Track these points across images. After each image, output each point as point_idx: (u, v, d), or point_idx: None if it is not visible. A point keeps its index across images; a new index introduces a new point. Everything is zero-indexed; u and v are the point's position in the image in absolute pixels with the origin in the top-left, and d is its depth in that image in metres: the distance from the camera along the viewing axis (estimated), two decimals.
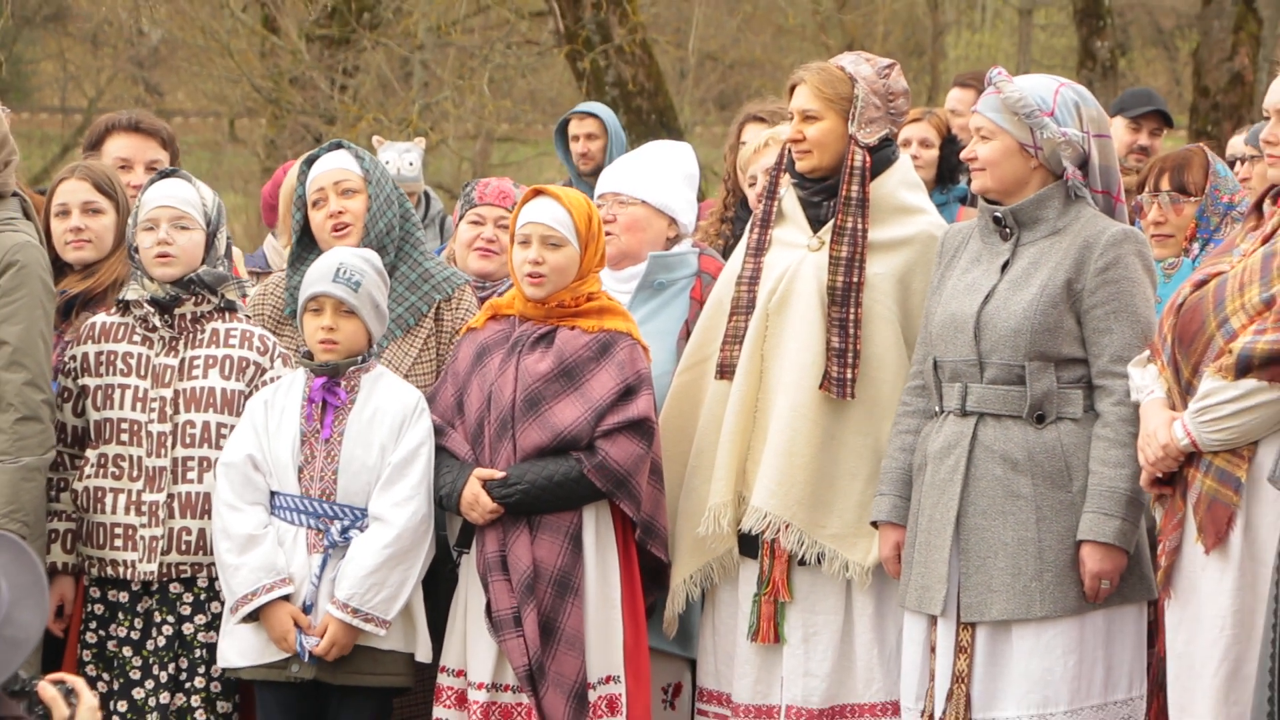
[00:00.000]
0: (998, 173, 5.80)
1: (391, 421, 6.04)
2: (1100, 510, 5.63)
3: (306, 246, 6.42)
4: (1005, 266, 5.81)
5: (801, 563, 6.05)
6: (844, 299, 6.03)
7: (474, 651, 6.06)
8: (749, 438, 6.12)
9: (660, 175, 6.67)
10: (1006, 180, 5.81)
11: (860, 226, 6.05)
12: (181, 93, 22.14)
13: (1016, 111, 5.75)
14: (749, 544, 6.12)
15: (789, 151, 6.23)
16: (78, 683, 3.95)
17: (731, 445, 6.11)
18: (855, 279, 6.03)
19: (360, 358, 6.07)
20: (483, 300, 6.56)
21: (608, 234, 6.51)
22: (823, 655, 6.06)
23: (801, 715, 6.05)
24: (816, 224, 6.18)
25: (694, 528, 6.17)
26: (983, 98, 5.84)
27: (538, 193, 6.19)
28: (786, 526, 6.01)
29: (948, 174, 9.01)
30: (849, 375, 6.00)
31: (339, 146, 6.52)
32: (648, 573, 6.20)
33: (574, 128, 9.52)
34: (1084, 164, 5.81)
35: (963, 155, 5.96)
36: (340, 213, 6.38)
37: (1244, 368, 5.25)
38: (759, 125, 7.95)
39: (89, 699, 3.94)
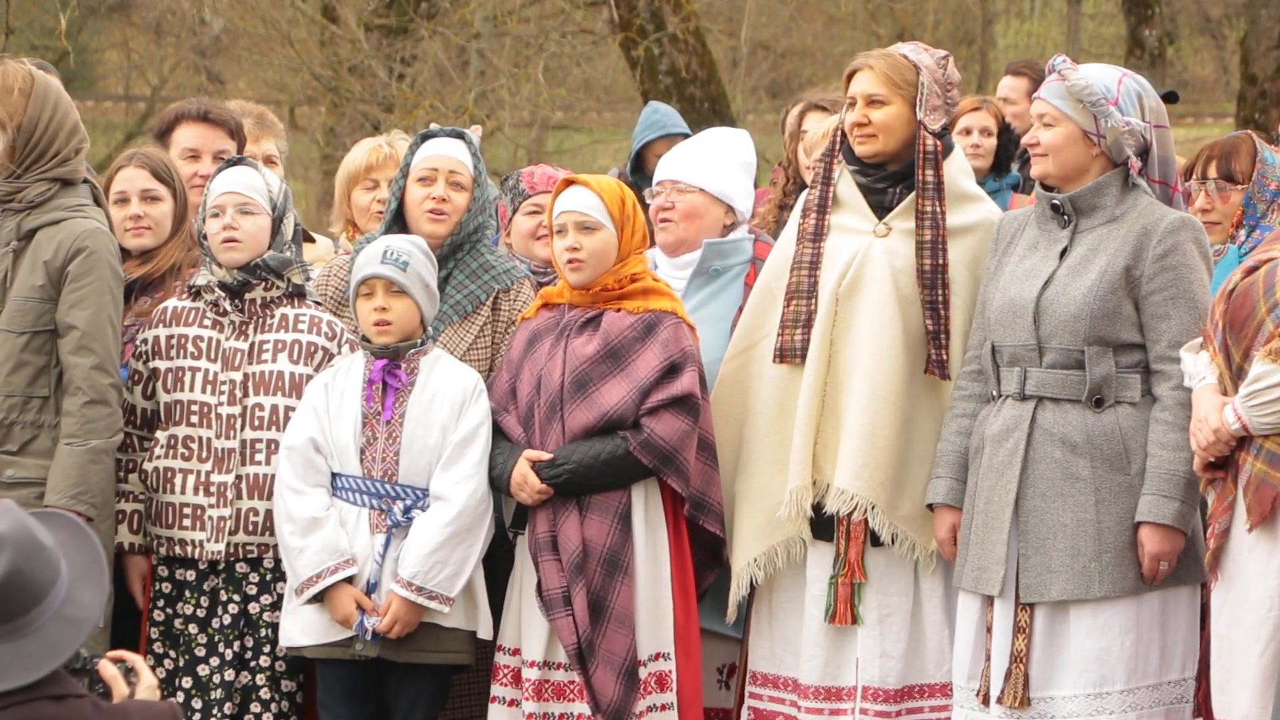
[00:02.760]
0: (1060, 159, 5.82)
1: (451, 402, 6.09)
2: (1159, 492, 5.66)
3: (401, 223, 6.46)
4: (1064, 253, 5.83)
5: (875, 544, 6.09)
6: (933, 282, 6.07)
7: (528, 630, 6.10)
8: (820, 422, 6.15)
9: (718, 163, 6.66)
10: (1068, 167, 5.83)
11: (939, 210, 6.07)
12: (242, 81, 22.20)
13: (1082, 99, 5.77)
14: (820, 527, 6.14)
15: (843, 137, 6.24)
16: (137, 661, 3.98)
17: (807, 429, 6.11)
18: (941, 261, 6.06)
19: (419, 340, 6.14)
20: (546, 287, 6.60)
21: (666, 221, 6.57)
22: (897, 636, 6.08)
23: (878, 696, 6.07)
24: (880, 210, 6.19)
25: (756, 511, 6.19)
26: (1046, 84, 5.85)
27: (569, 183, 6.24)
28: (873, 507, 6.03)
29: (1003, 162, 9.03)
30: (944, 356, 6.05)
31: (460, 136, 6.54)
32: (705, 550, 6.24)
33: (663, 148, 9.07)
34: (1144, 154, 5.83)
35: (1024, 140, 5.95)
36: (444, 199, 6.41)
37: None
38: (820, 114, 7.93)
39: (148, 678, 3.97)
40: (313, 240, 7.49)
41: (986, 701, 5.82)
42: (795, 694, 6.19)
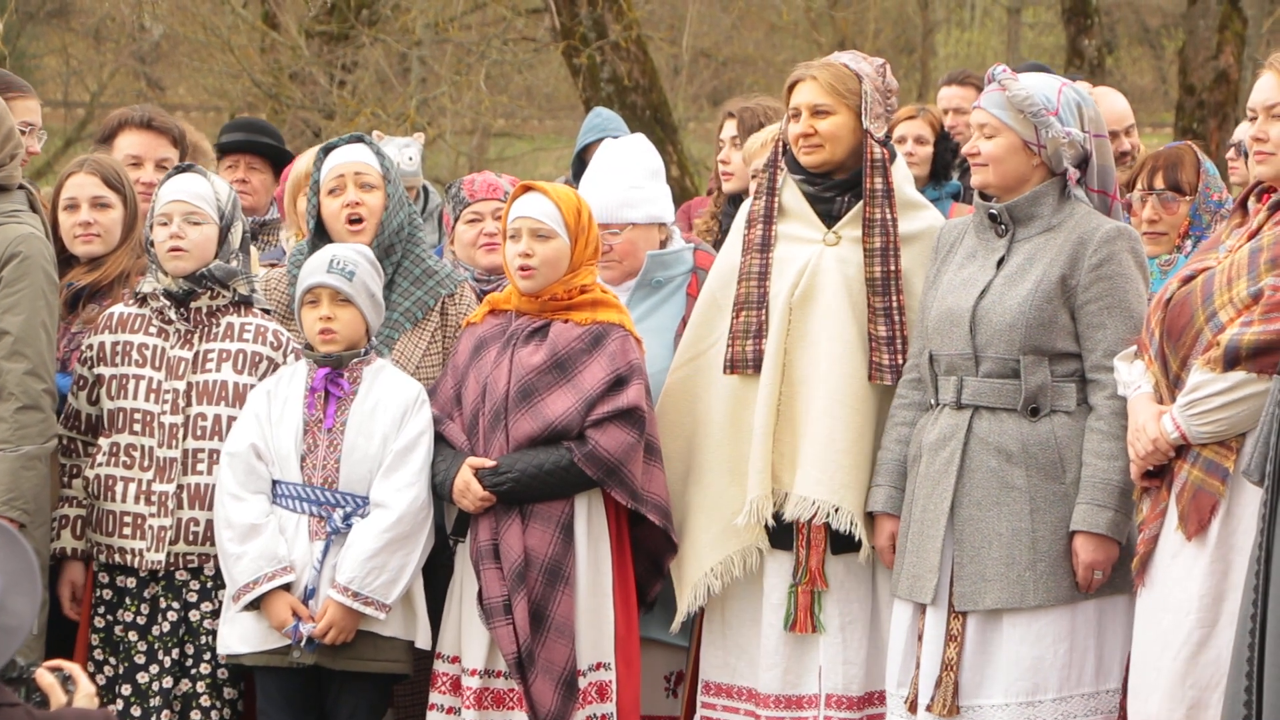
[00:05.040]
0: (1001, 169, 5.84)
1: (393, 412, 6.09)
2: (1094, 502, 5.69)
3: (323, 237, 6.44)
4: (1001, 262, 5.85)
5: (834, 552, 6.08)
6: (884, 288, 6.09)
7: (468, 638, 6.10)
8: (777, 431, 6.13)
9: (634, 191, 6.62)
10: (1009, 177, 5.85)
11: (890, 216, 6.10)
12: (183, 88, 22.14)
13: (1023, 109, 5.79)
14: (778, 536, 6.14)
15: (785, 147, 6.25)
16: (75, 670, 3.96)
17: (765, 439, 6.10)
18: (893, 268, 6.08)
19: (362, 350, 6.14)
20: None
21: (610, 262, 6.54)
22: (859, 643, 6.10)
23: (842, 703, 6.09)
24: (829, 219, 6.20)
25: (712, 522, 6.19)
26: (986, 94, 5.87)
27: (527, 188, 6.23)
28: (836, 510, 6.02)
29: (941, 171, 9.05)
30: (900, 361, 6.06)
31: (359, 140, 6.54)
32: (650, 561, 6.26)
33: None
34: (1083, 163, 5.86)
35: (964, 150, 5.98)
36: (357, 204, 6.40)
37: (1232, 359, 5.30)
38: (731, 121, 7.97)
39: (86, 686, 3.95)
40: None
41: (914, 709, 5.83)
42: (752, 703, 6.20)
